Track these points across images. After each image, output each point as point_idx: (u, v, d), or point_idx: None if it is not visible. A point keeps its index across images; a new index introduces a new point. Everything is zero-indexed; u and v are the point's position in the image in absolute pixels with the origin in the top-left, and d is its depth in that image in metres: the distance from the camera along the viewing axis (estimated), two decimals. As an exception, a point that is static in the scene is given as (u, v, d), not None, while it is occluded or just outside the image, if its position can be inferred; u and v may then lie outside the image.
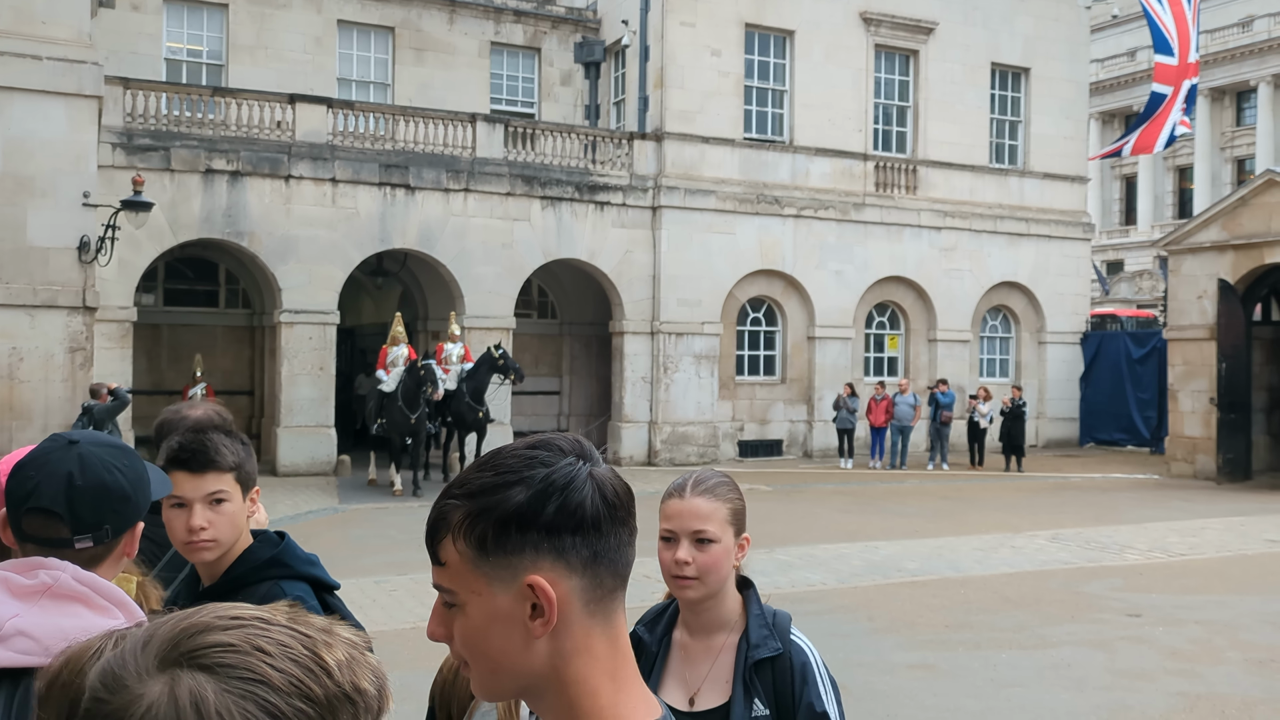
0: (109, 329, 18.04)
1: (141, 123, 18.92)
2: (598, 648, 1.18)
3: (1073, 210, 27.74)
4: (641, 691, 1.22)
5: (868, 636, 8.88)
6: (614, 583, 1.20)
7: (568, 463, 1.19)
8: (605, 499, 1.19)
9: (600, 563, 1.18)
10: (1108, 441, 26.86)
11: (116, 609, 1.73)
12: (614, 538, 1.19)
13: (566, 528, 1.17)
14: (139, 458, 1.95)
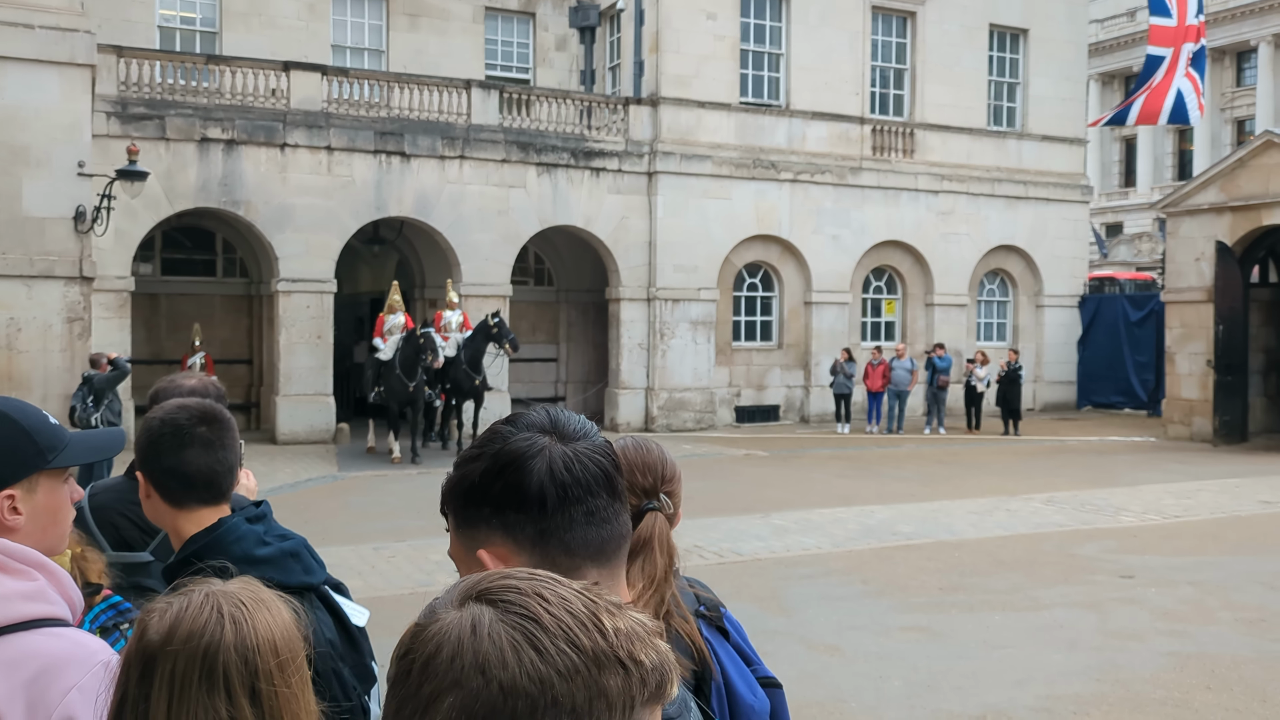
0: (107, 299, 18.05)
1: (135, 91, 18.83)
2: None
3: (1071, 173, 27.67)
4: None
5: (862, 600, 8.98)
6: (570, 562, 1.20)
7: (523, 438, 1.22)
8: (555, 478, 1.20)
9: (549, 541, 1.20)
10: (1105, 404, 26.95)
11: (35, 570, 1.74)
12: (563, 516, 1.20)
13: (510, 504, 1.20)
14: (14, 424, 1.88)
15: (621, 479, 1.27)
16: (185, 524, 2.38)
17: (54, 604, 1.74)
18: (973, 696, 6.58)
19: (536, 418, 1.27)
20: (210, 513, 2.37)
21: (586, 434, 1.27)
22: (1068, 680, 6.89)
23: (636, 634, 0.91)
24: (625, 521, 1.27)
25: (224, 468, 2.39)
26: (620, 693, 0.88)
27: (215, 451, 2.38)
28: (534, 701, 0.84)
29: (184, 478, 2.35)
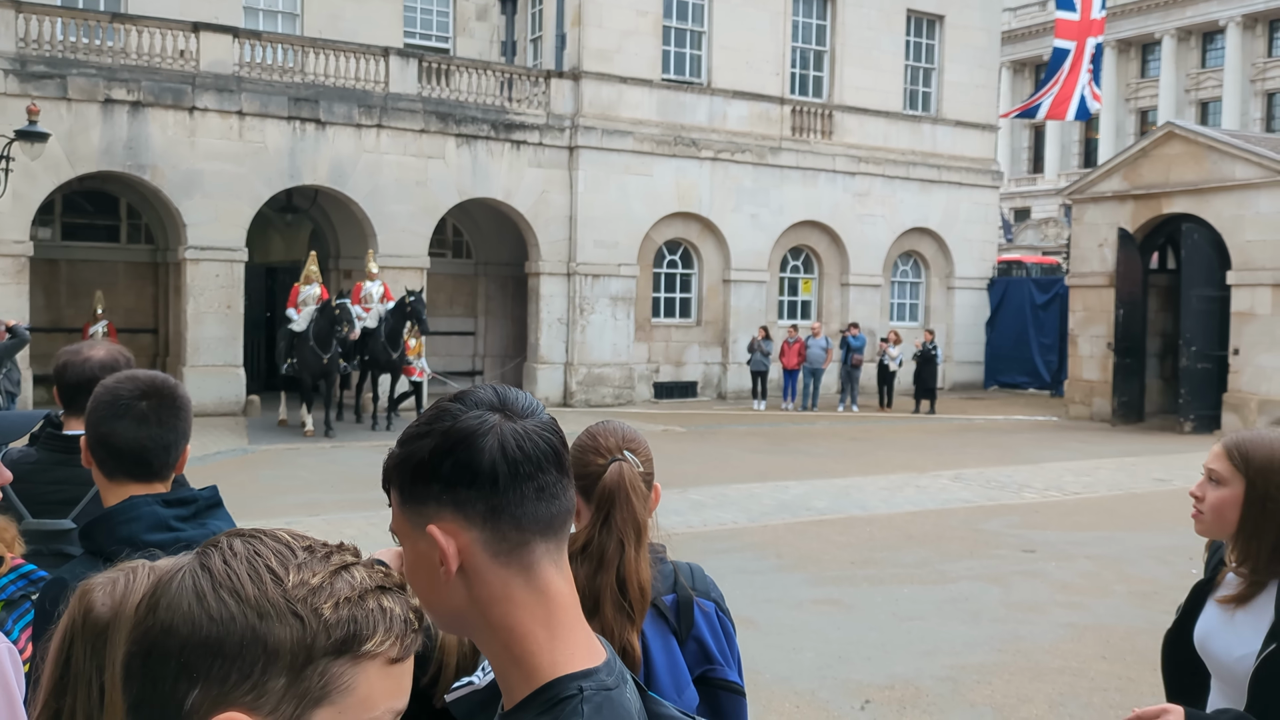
0: (4, 264, 17.42)
1: (35, 49, 18.10)
2: (519, 596, 1.21)
3: (983, 158, 28.26)
4: (583, 638, 1.25)
5: (776, 573, 9.13)
6: (520, 537, 1.21)
7: (473, 416, 1.22)
8: (506, 455, 1.21)
9: (501, 517, 1.21)
10: (1011, 384, 27.70)
11: None
12: (514, 493, 1.21)
13: (462, 481, 1.20)
14: None
15: (568, 455, 1.29)
16: (109, 495, 2.35)
17: None
18: (882, 667, 6.75)
19: (484, 395, 1.27)
20: (138, 488, 2.33)
21: (534, 411, 1.28)
22: (972, 650, 7.11)
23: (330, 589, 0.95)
24: (572, 497, 1.28)
25: (156, 445, 2.34)
26: (290, 642, 0.92)
27: (149, 428, 2.33)
28: (183, 640, 0.91)
29: (113, 449, 2.31)
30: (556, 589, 1.24)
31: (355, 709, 0.94)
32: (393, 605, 0.97)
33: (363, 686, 0.94)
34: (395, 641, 0.96)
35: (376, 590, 0.97)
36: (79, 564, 2.23)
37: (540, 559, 1.23)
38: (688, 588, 2.32)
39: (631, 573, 2.16)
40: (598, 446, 2.28)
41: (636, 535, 2.20)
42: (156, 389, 2.37)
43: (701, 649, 2.26)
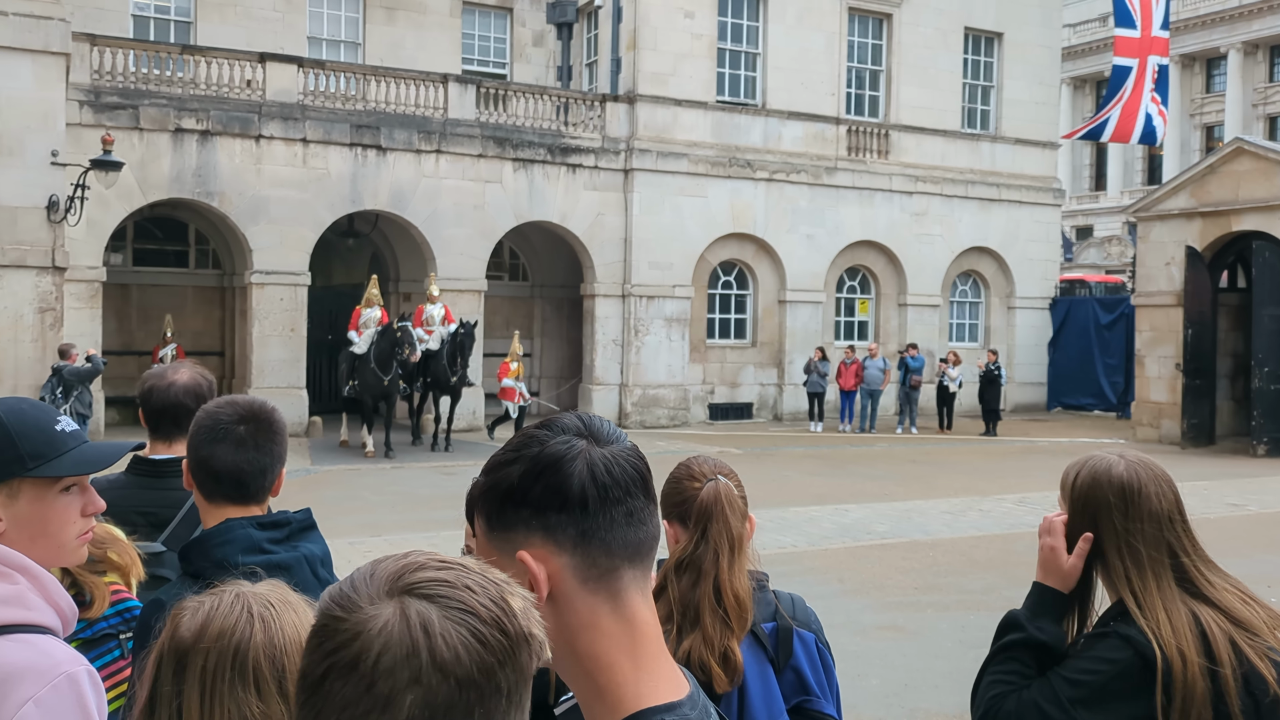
0: (78, 289, 17.86)
1: (109, 80, 18.63)
2: (606, 624, 1.21)
3: (1044, 176, 27.93)
4: (667, 671, 1.24)
5: (838, 598, 9.05)
6: (610, 562, 1.21)
7: (560, 441, 1.23)
8: (596, 479, 1.21)
9: (590, 542, 1.21)
10: (1075, 406, 27.24)
11: (17, 574, 1.71)
12: (604, 517, 1.21)
13: (552, 506, 1.21)
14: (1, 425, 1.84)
15: (652, 481, 1.29)
16: (208, 517, 2.42)
17: (33, 610, 1.70)
18: (950, 696, 6.66)
19: (571, 421, 1.28)
20: (235, 511, 2.39)
21: (618, 438, 1.28)
22: (1042, 679, 6.97)
23: (529, 610, 1.00)
24: (658, 523, 1.29)
25: (254, 468, 2.39)
26: (529, 666, 0.98)
27: (248, 451, 2.38)
28: (482, 690, 0.95)
29: (212, 472, 2.38)
30: (642, 618, 1.24)
31: None
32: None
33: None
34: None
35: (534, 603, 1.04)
36: (177, 586, 2.29)
37: (628, 586, 1.23)
38: (788, 617, 2.34)
39: (725, 581, 2.21)
40: (693, 473, 2.37)
41: (731, 547, 2.26)
42: (254, 414, 2.43)
43: (799, 679, 2.27)
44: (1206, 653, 2.03)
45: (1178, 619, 2.08)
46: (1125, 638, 2.08)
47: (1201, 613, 2.09)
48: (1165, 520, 2.18)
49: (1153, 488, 2.20)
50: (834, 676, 2.37)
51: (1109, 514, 2.19)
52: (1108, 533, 2.19)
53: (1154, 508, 2.18)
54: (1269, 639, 2.08)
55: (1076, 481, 2.25)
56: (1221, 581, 2.18)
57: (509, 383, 19.63)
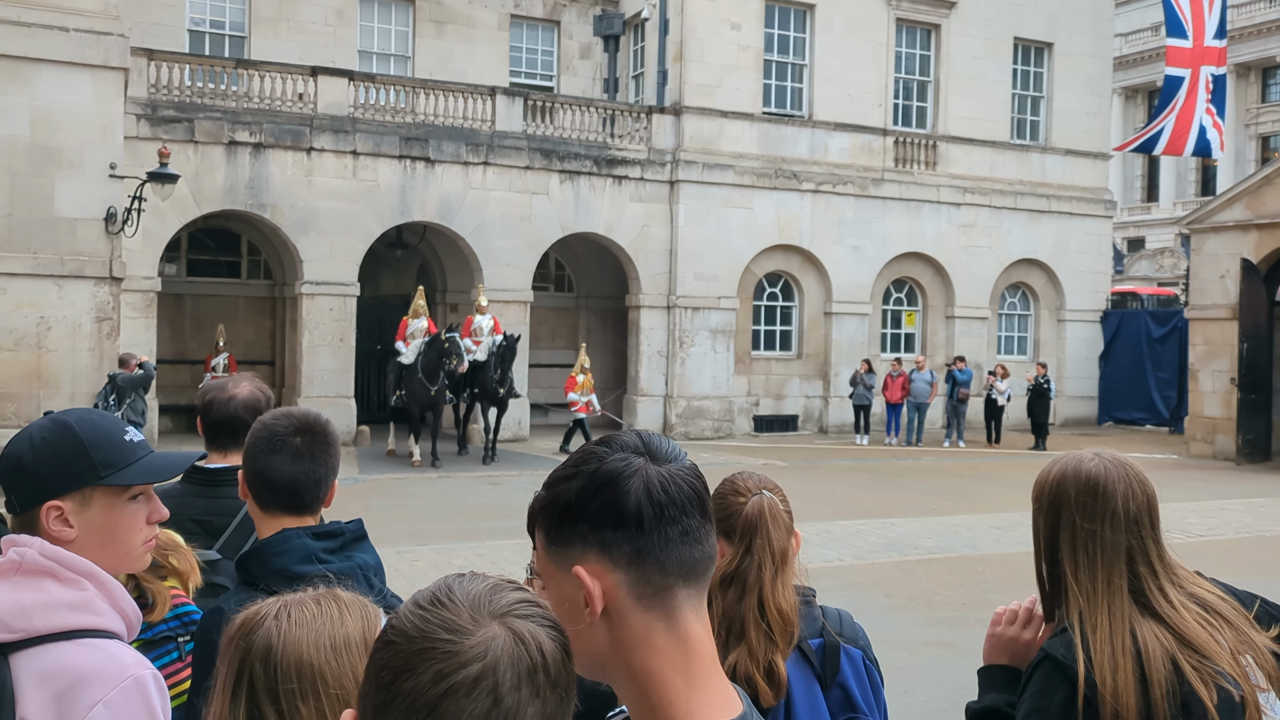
0: (134, 299, 18.20)
1: (166, 94, 19.00)
2: (659, 642, 1.23)
3: (1094, 187, 27.60)
4: (720, 690, 1.25)
5: (885, 613, 8.98)
6: (664, 580, 1.23)
7: (618, 459, 1.25)
8: (652, 498, 1.23)
9: (645, 560, 1.22)
10: (1126, 421, 26.84)
11: (86, 581, 1.76)
12: (659, 535, 1.22)
13: (608, 523, 1.22)
14: (74, 436, 1.88)
15: (710, 501, 1.30)
16: (263, 527, 2.46)
17: (100, 615, 1.75)
18: (998, 713, 6.59)
19: (630, 439, 1.29)
20: (290, 521, 2.43)
21: (677, 456, 1.29)
22: (1093, 698, 6.88)
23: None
24: (713, 543, 1.29)
25: (310, 480, 2.44)
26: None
27: (304, 463, 2.43)
28: (568, 701, 1.08)
29: (269, 483, 2.42)
30: (696, 637, 1.25)
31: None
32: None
33: None
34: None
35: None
36: (236, 594, 2.34)
37: (682, 604, 1.24)
38: (834, 633, 2.33)
39: (769, 596, 2.21)
40: (738, 488, 2.38)
41: (775, 561, 2.27)
42: (310, 426, 2.47)
43: (846, 696, 2.27)
44: (1141, 674, 1.94)
45: (1118, 637, 1.98)
46: (1055, 663, 1.99)
47: (1144, 630, 1.99)
48: (1130, 523, 2.06)
49: (1122, 486, 2.08)
50: (881, 694, 2.36)
51: (1071, 511, 2.08)
52: (1066, 533, 2.09)
53: (1118, 508, 2.06)
54: (1223, 662, 1.96)
55: (1048, 479, 2.16)
56: (1182, 598, 2.05)
57: (574, 396, 19.74)
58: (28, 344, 14.53)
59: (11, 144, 14.34)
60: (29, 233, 14.47)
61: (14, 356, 14.46)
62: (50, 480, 1.84)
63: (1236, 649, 2.00)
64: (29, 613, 1.69)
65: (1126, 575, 2.04)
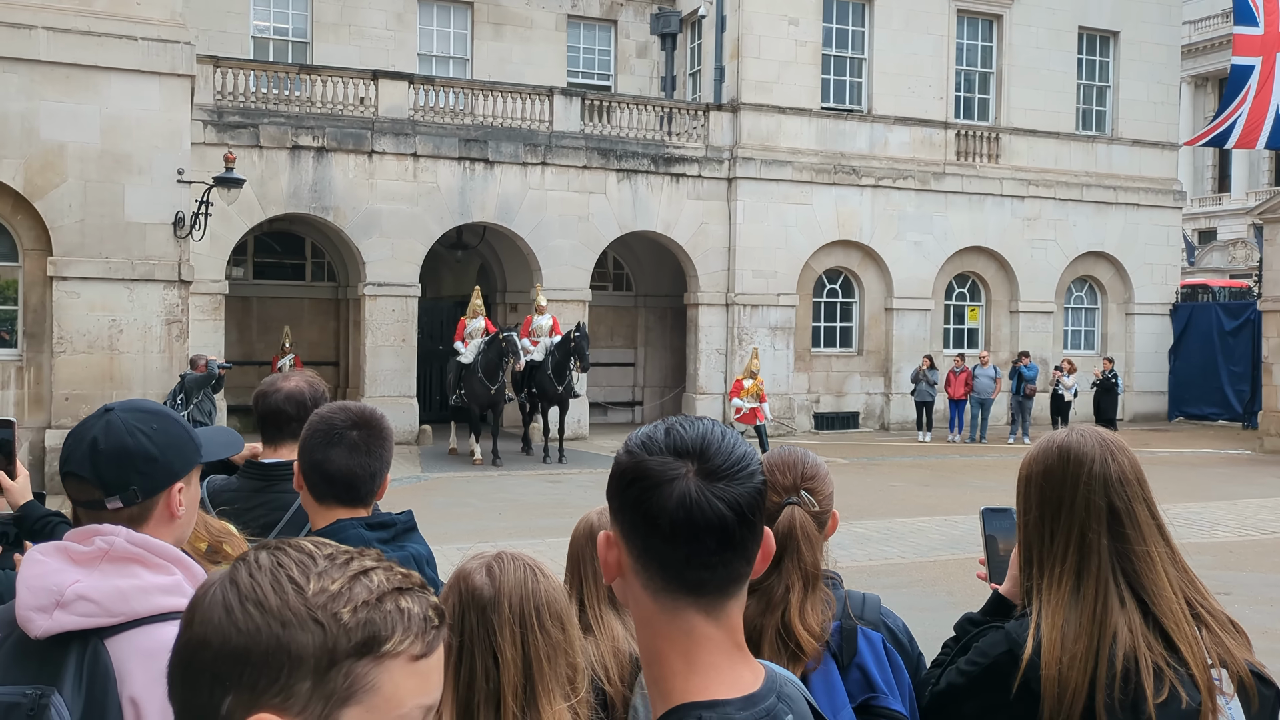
0: (202, 301, 18.60)
1: (231, 100, 19.38)
2: (662, 628, 1.26)
3: (1163, 178, 27.01)
4: (726, 673, 1.27)
5: (947, 610, 8.85)
6: (666, 585, 1.25)
7: (658, 461, 1.26)
8: (666, 513, 1.24)
9: (651, 561, 1.25)
10: (1198, 416, 26.23)
11: (173, 565, 1.84)
12: (668, 548, 1.24)
13: (629, 513, 1.27)
14: (177, 422, 2.02)
15: (743, 530, 1.26)
16: (317, 518, 2.52)
17: (188, 597, 1.83)
18: (1063, 711, 6.48)
19: (690, 438, 1.27)
20: (344, 512, 2.48)
21: (731, 472, 1.26)
22: (1161, 697, 6.74)
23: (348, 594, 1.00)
24: (736, 568, 1.27)
25: (365, 472, 2.49)
26: (312, 647, 0.97)
27: (360, 456, 2.48)
28: (215, 651, 0.99)
29: (326, 475, 2.47)
30: (702, 631, 1.26)
31: (383, 707, 0.99)
32: (411, 605, 1.02)
33: (388, 685, 0.99)
34: (416, 639, 1.01)
35: (395, 592, 1.02)
36: None
37: (686, 608, 1.26)
38: (853, 616, 2.32)
39: (794, 618, 2.17)
40: (774, 483, 2.28)
41: (804, 583, 2.21)
42: (366, 420, 2.53)
43: (865, 677, 2.25)
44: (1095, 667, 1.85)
45: (1083, 620, 1.89)
46: (1005, 634, 1.97)
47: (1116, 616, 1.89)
48: (1112, 484, 1.95)
49: (1097, 452, 1.98)
50: (904, 675, 2.33)
51: (1039, 481, 2.01)
52: (1035, 503, 2.02)
53: (1093, 470, 1.96)
54: (1193, 664, 1.87)
55: (1026, 456, 2.11)
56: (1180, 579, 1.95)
57: (739, 403, 18.82)
58: (100, 346, 14.91)
59: (83, 151, 14.72)
60: (101, 237, 14.85)
61: (87, 359, 14.85)
62: (176, 464, 1.98)
63: (1215, 653, 1.92)
64: (127, 597, 1.76)
65: (1106, 542, 1.94)
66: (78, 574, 1.77)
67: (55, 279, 14.54)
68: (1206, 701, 1.87)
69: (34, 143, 14.42)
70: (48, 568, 1.77)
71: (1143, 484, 2.00)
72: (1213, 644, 1.93)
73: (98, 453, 1.92)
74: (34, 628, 1.72)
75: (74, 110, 14.62)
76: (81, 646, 1.73)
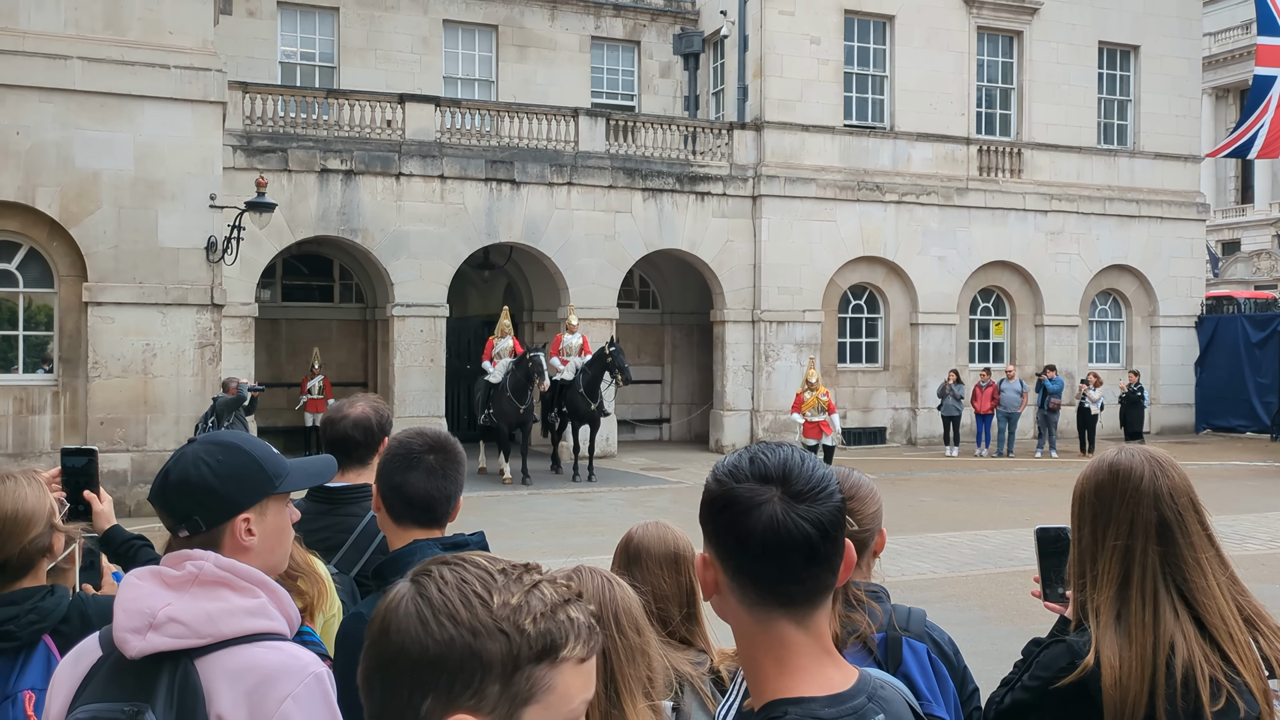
0: (232, 324, 18.80)
1: (260, 125, 19.65)
2: (753, 636, 1.40)
3: (1186, 190, 26.96)
4: (815, 675, 1.39)
5: (980, 625, 8.91)
6: (759, 599, 1.38)
7: (747, 488, 1.39)
8: (756, 533, 1.37)
9: (744, 578, 1.38)
10: (1225, 428, 26.08)
11: (258, 589, 1.93)
12: (759, 566, 1.37)
13: (722, 537, 1.40)
14: (247, 453, 2.06)
15: (827, 545, 1.39)
16: (396, 539, 2.63)
17: (274, 620, 1.93)
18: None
19: (773, 464, 1.40)
20: (421, 533, 2.59)
21: (814, 493, 1.38)
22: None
23: (528, 606, 1.13)
24: (822, 580, 1.40)
25: (441, 495, 2.60)
26: (500, 655, 1.10)
27: (436, 479, 2.59)
28: (415, 659, 1.10)
29: (405, 498, 2.58)
30: (791, 640, 1.39)
31: (557, 704, 1.13)
32: (578, 614, 1.17)
33: (561, 685, 1.13)
34: (583, 644, 1.16)
35: (564, 603, 1.16)
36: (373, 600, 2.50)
37: (777, 619, 1.39)
38: (898, 628, 2.43)
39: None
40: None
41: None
42: (442, 445, 2.64)
43: (910, 685, 2.35)
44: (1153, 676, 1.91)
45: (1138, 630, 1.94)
46: (1068, 646, 2.02)
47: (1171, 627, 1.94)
48: (1162, 498, 2.01)
49: (1147, 469, 2.04)
50: (949, 685, 2.43)
51: (1092, 498, 2.07)
52: (1088, 519, 2.08)
53: (1143, 486, 2.01)
54: (1246, 673, 1.92)
55: (1080, 476, 2.17)
56: (1233, 590, 2.00)
57: (797, 417, 18.09)
58: (134, 370, 15.11)
59: (117, 178, 14.97)
60: (134, 263, 15.08)
61: (122, 383, 15.05)
62: (238, 495, 2.03)
63: (1273, 659, 1.97)
64: (215, 620, 1.85)
65: (1157, 554, 1.99)
66: (170, 597, 1.86)
67: (90, 304, 14.76)
68: (1264, 707, 1.93)
69: (69, 170, 14.68)
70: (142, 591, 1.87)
71: (1192, 497, 2.07)
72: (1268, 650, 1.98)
73: (167, 484, 2.03)
74: (129, 648, 1.81)
75: (108, 138, 14.88)
76: (173, 666, 1.82)
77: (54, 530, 2.52)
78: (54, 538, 2.52)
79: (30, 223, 14.67)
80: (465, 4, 24.26)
